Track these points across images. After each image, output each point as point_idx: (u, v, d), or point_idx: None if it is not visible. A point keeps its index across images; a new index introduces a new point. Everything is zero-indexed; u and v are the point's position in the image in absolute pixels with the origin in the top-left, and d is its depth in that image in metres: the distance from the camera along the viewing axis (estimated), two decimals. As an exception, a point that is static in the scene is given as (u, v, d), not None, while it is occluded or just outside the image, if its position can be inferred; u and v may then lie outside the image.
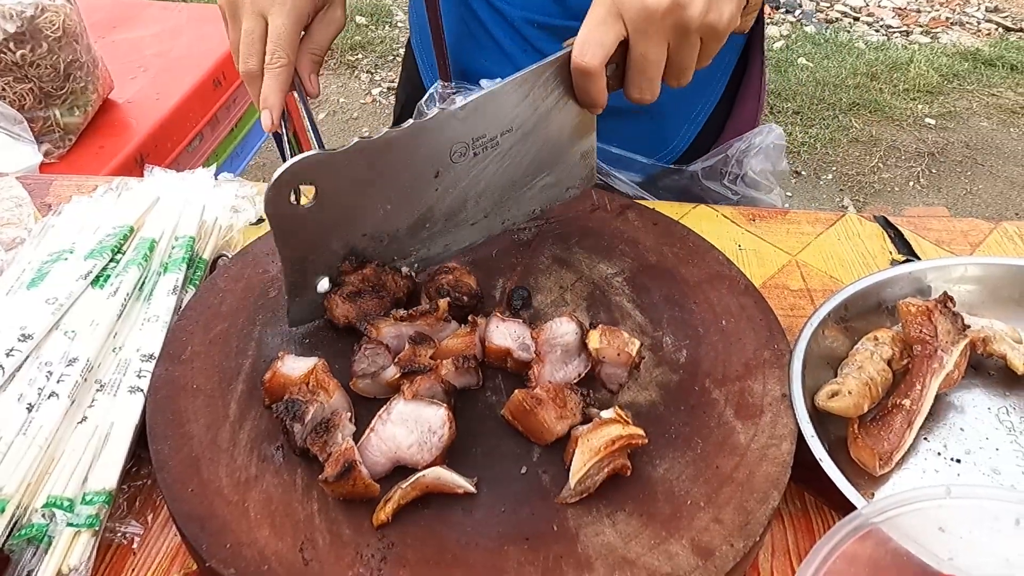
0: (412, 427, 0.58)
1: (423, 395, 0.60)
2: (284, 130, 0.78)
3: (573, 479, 0.57)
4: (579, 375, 0.65)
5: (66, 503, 0.58)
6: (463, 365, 0.63)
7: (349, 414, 0.60)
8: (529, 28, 0.92)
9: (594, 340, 0.64)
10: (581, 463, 0.57)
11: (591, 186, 0.79)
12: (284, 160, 0.65)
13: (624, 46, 0.64)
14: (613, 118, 0.67)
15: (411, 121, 0.64)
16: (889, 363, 0.69)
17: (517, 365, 0.65)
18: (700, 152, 0.97)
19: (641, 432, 0.58)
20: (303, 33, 0.78)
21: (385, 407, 0.59)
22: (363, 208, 0.66)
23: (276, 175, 0.60)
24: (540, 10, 0.90)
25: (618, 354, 0.64)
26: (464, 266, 0.72)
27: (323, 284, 0.68)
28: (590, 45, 0.63)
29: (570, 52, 0.65)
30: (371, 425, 0.59)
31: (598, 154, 0.92)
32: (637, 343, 0.65)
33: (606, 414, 0.59)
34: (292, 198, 0.62)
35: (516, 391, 0.60)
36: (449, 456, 0.59)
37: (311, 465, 0.59)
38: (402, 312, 0.66)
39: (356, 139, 0.62)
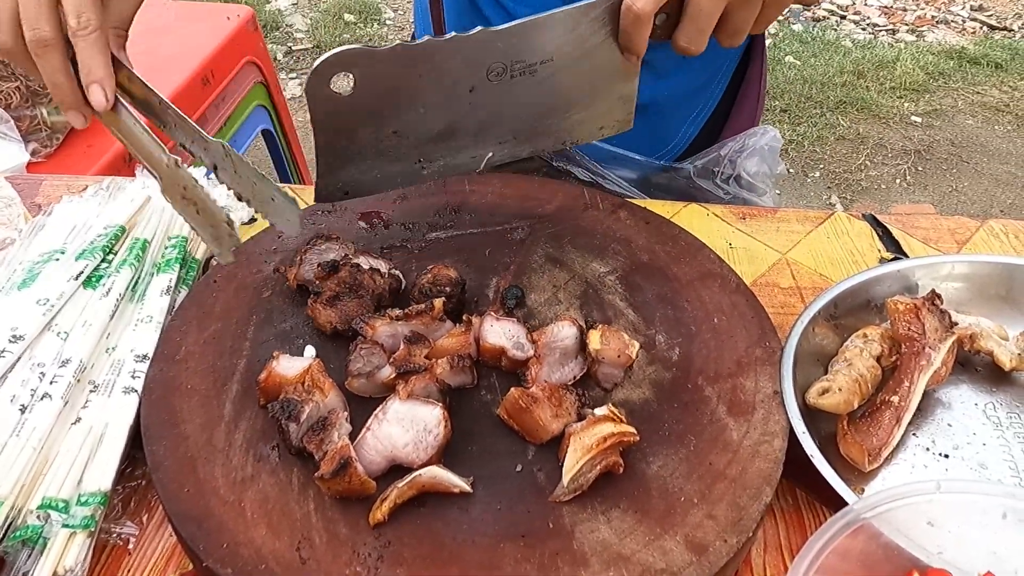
0: (408, 426, 0.58)
1: (418, 394, 0.60)
2: (275, 125, 0.78)
3: (566, 477, 0.57)
4: (574, 377, 0.65)
5: (61, 504, 0.58)
6: (458, 364, 0.63)
7: (345, 413, 0.60)
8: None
9: (594, 341, 0.64)
10: (574, 461, 0.57)
11: (626, 129, 0.78)
12: (279, 163, 0.65)
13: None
14: None
15: (453, 33, 0.64)
16: (878, 360, 0.70)
17: (512, 364, 0.65)
18: (699, 151, 0.97)
19: (633, 430, 0.59)
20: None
21: (381, 406, 0.60)
22: (396, 106, 0.67)
23: (319, 61, 0.61)
24: (548, 8, 0.90)
25: (618, 355, 0.64)
26: (449, 262, 0.73)
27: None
28: None
29: None
30: (367, 424, 0.59)
31: (593, 152, 0.93)
32: (637, 345, 0.65)
33: (599, 411, 0.59)
34: (332, 86, 0.63)
35: (512, 389, 0.61)
36: (444, 455, 0.59)
37: (307, 464, 0.59)
38: (397, 311, 0.66)
39: (398, 42, 0.63)
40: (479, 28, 0.64)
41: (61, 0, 0.59)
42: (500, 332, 0.66)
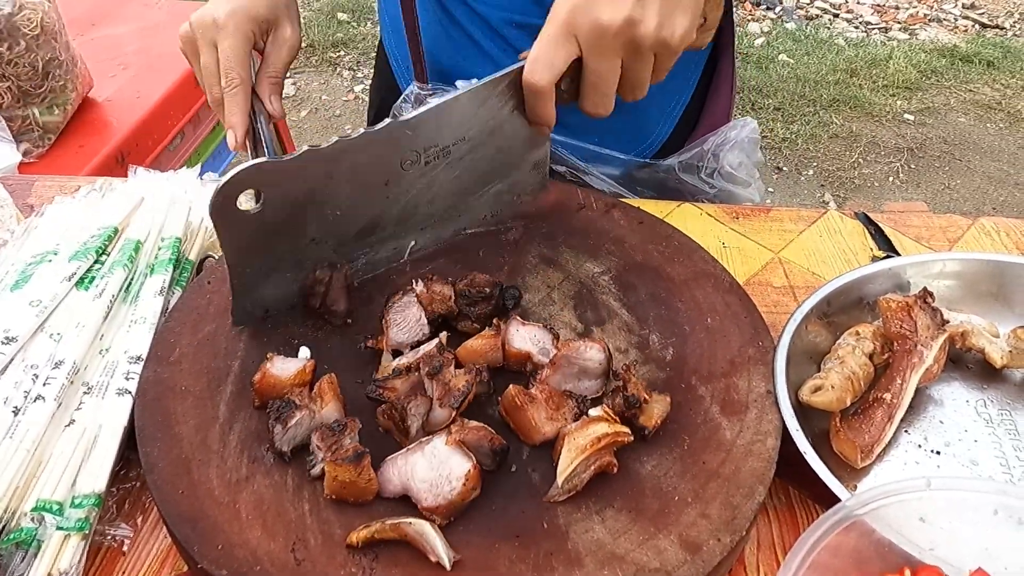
0: (434, 465, 0.57)
1: (470, 444, 0.58)
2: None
3: (560, 477, 0.57)
4: (584, 398, 0.63)
5: (55, 507, 0.58)
6: (475, 378, 0.62)
7: (359, 427, 0.59)
8: (508, 28, 0.92)
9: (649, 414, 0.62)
10: (568, 461, 0.57)
11: (541, 193, 0.80)
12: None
13: (578, 62, 0.65)
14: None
15: (361, 130, 0.64)
16: (870, 357, 0.70)
17: (537, 369, 0.65)
18: (677, 146, 0.98)
19: (626, 430, 0.59)
20: (260, 58, 0.81)
21: (428, 437, 0.59)
22: (311, 214, 0.66)
23: (222, 182, 0.60)
24: (519, 10, 0.90)
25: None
26: (445, 263, 0.73)
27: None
28: (540, 64, 0.64)
29: (520, 67, 0.65)
30: (408, 447, 0.58)
31: (575, 152, 0.93)
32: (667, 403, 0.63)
33: (594, 412, 0.60)
34: (239, 203, 0.62)
35: (511, 386, 0.61)
36: (457, 510, 0.57)
37: (302, 466, 0.59)
38: (405, 361, 0.64)
39: (305, 147, 0.62)
40: (387, 121, 0.65)
41: (219, 60, 0.77)
42: (526, 337, 0.66)
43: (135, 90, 1.81)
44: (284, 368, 0.63)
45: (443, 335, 0.67)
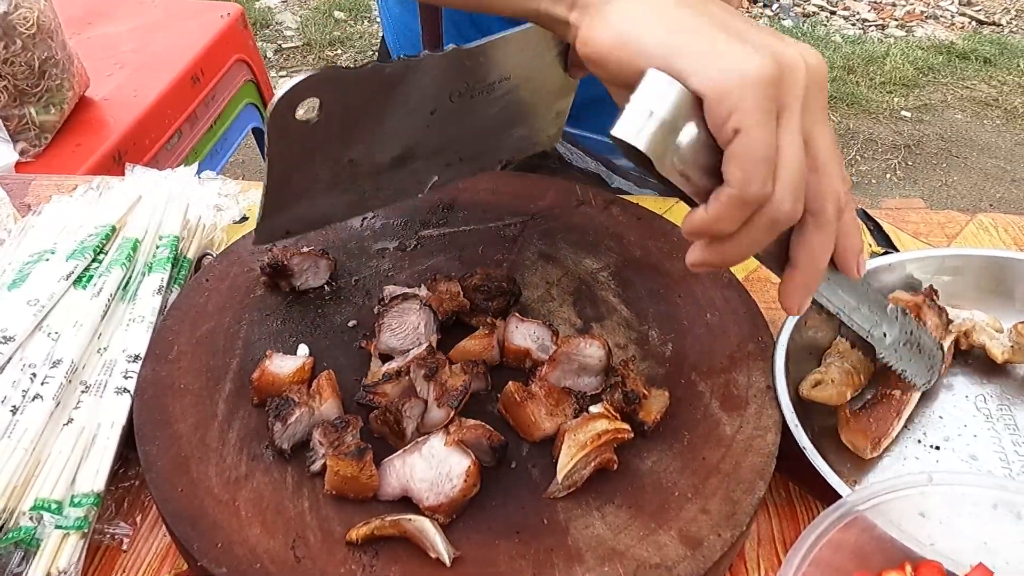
0: (433, 465, 0.57)
1: (469, 443, 0.58)
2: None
3: (560, 473, 0.57)
4: (584, 393, 0.63)
5: (54, 506, 0.58)
6: (472, 370, 0.62)
7: (361, 425, 0.59)
8: None
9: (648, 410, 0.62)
10: (568, 457, 0.57)
11: (556, 142, 0.79)
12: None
13: None
14: (607, 110, 0.68)
15: (425, 52, 0.62)
16: None
17: (536, 366, 0.65)
18: None
19: (627, 426, 0.59)
20: None
21: (424, 437, 0.58)
22: (358, 134, 0.64)
23: (289, 86, 0.56)
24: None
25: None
26: (444, 259, 0.74)
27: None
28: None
29: None
30: (405, 448, 0.58)
31: (595, 145, 0.93)
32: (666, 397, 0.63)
33: (594, 409, 0.59)
34: (298, 114, 0.59)
35: (510, 383, 0.61)
36: (459, 507, 0.57)
37: (302, 464, 0.59)
38: (395, 365, 0.63)
39: (371, 63, 0.60)
40: (451, 46, 0.62)
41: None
42: (525, 334, 0.66)
43: (132, 89, 1.80)
44: (283, 366, 0.63)
45: (433, 338, 0.66)
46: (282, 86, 0.56)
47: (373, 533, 0.54)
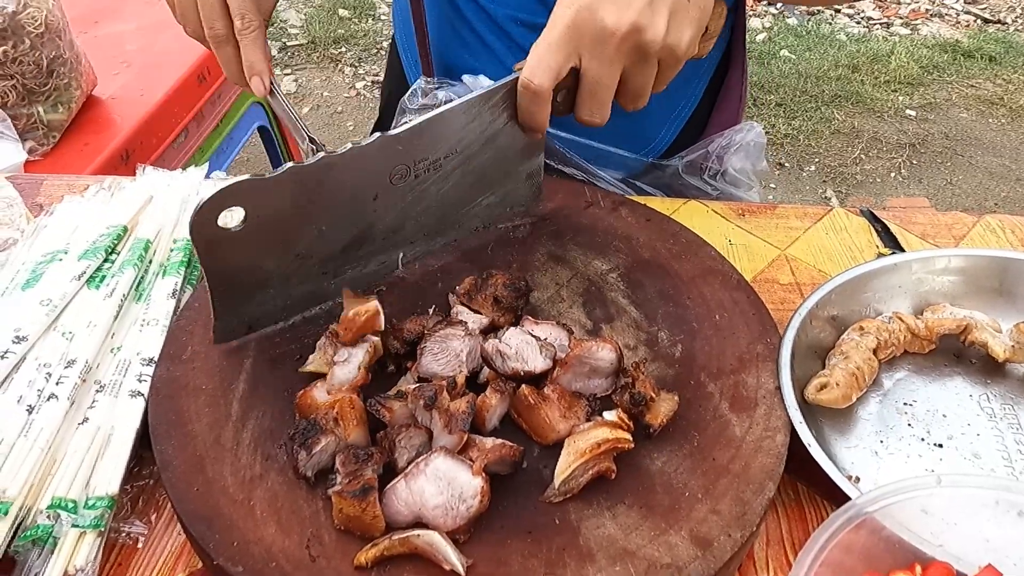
0: (443, 488, 0.55)
1: (493, 466, 0.57)
2: (272, 122, 0.78)
3: (557, 479, 0.57)
4: (595, 395, 0.64)
5: (70, 504, 0.58)
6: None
7: (385, 460, 0.58)
8: (514, 26, 0.92)
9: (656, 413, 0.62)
10: (566, 464, 0.57)
11: (536, 204, 0.80)
12: (275, 159, 0.65)
13: (574, 72, 0.64)
14: None
15: (349, 145, 0.62)
16: (875, 352, 0.71)
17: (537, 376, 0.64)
18: (682, 149, 0.98)
19: (628, 437, 0.59)
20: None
21: (425, 456, 0.57)
22: (296, 231, 0.64)
23: (201, 202, 0.58)
24: (525, 8, 0.91)
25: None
26: (454, 261, 0.73)
27: None
28: (540, 67, 0.63)
29: (516, 79, 0.65)
30: (406, 471, 0.56)
31: (580, 151, 0.93)
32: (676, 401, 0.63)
33: (609, 416, 0.60)
34: (221, 220, 0.60)
35: (523, 386, 0.61)
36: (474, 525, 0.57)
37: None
38: (411, 385, 0.62)
39: (289, 164, 0.61)
40: (376, 135, 0.63)
41: (228, 2, 0.72)
42: (541, 335, 0.65)
43: (139, 88, 1.81)
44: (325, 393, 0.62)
45: (464, 372, 0.64)
46: (197, 202, 0.58)
47: (383, 554, 0.53)
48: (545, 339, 0.65)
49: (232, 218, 0.61)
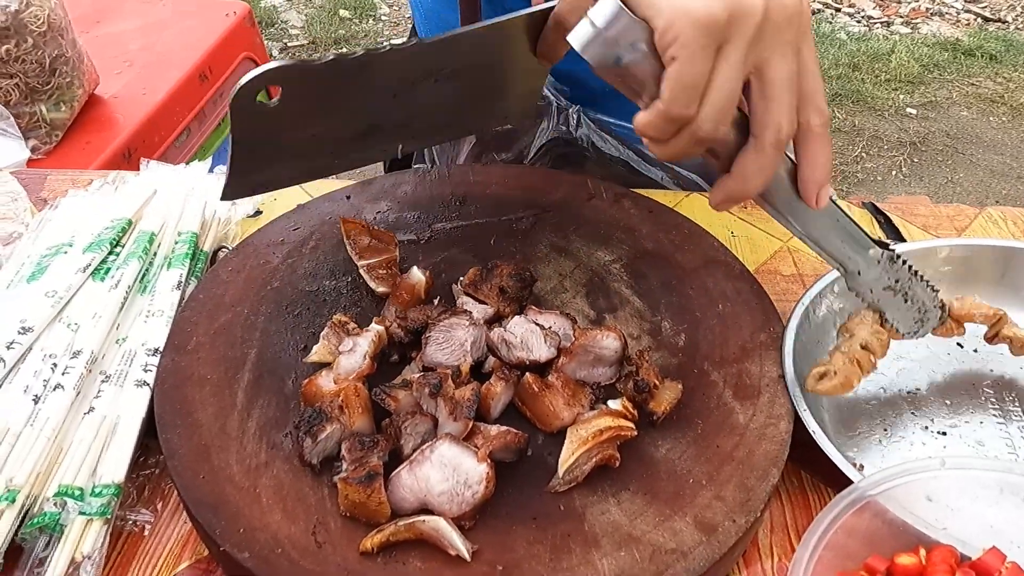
0: (448, 475, 0.55)
1: (498, 454, 0.57)
2: None
3: (561, 468, 0.58)
4: (599, 383, 0.64)
5: (77, 492, 0.59)
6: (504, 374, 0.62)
7: (390, 448, 0.58)
8: None
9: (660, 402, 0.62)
10: (569, 452, 0.58)
11: (529, 119, 0.81)
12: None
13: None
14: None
15: (388, 46, 0.63)
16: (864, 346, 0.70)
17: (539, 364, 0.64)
18: None
19: (631, 425, 0.59)
20: None
21: (429, 443, 0.57)
22: (320, 115, 0.66)
23: (250, 76, 0.58)
24: None
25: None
26: (456, 252, 0.75)
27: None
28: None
29: (549, 9, 0.64)
30: (411, 458, 0.57)
31: (623, 132, 0.94)
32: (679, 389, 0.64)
33: (613, 404, 0.60)
34: (259, 97, 0.62)
35: (527, 374, 0.61)
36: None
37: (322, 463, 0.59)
38: (416, 375, 0.62)
39: (333, 54, 0.62)
40: (414, 40, 0.64)
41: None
42: (546, 324, 0.66)
43: (141, 87, 1.81)
44: (330, 381, 0.62)
45: (468, 361, 0.64)
46: (245, 76, 0.58)
47: (388, 540, 0.54)
48: (549, 328, 0.65)
49: (269, 97, 0.63)
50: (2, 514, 0.57)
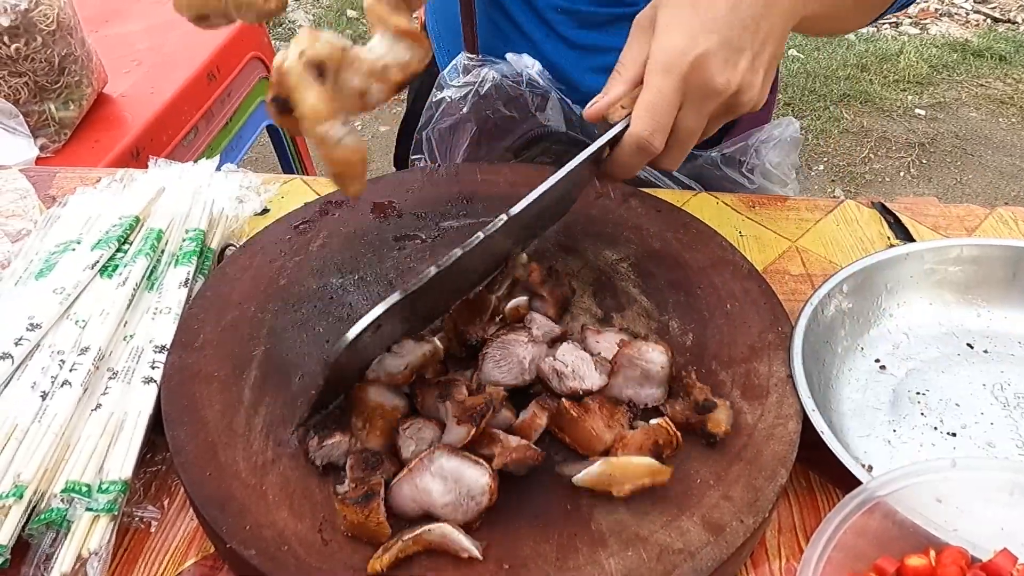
0: (451, 487, 0.54)
1: (516, 468, 0.56)
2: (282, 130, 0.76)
3: (579, 480, 0.57)
4: (646, 404, 0.62)
5: (84, 488, 0.59)
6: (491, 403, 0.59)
7: (393, 471, 0.57)
8: (552, 13, 0.93)
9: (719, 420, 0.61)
10: (591, 480, 0.56)
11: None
12: (283, 158, 0.64)
13: None
14: None
15: (480, 235, 0.61)
16: None
17: (574, 394, 0.62)
18: (712, 141, 0.98)
19: (666, 472, 0.56)
20: None
21: (427, 452, 0.56)
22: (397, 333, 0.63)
23: (354, 335, 0.56)
24: (578, 5, 0.91)
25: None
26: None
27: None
28: (659, 126, 0.62)
29: (619, 131, 0.64)
30: (409, 466, 0.55)
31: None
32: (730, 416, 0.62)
33: (655, 423, 0.58)
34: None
35: (562, 400, 0.59)
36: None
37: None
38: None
39: (397, 294, 0.58)
40: (502, 218, 0.63)
41: None
42: (607, 346, 0.64)
43: (149, 86, 1.82)
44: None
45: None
46: (353, 330, 0.55)
47: (398, 556, 0.53)
48: (599, 355, 0.63)
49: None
50: (9, 510, 0.57)
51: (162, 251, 0.79)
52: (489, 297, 0.68)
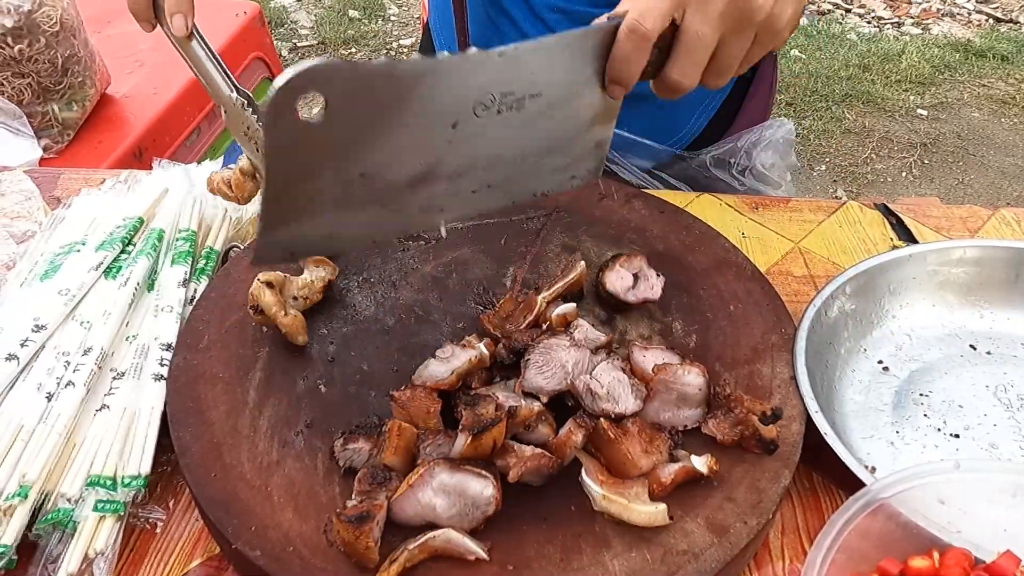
0: (455, 500, 0.54)
1: (530, 476, 0.56)
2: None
3: (596, 504, 0.56)
4: (685, 426, 0.62)
5: (108, 482, 0.59)
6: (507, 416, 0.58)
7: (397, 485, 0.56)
8: (549, 13, 0.93)
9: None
10: (614, 509, 0.56)
11: (596, 178, 0.74)
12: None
13: (674, 25, 0.61)
14: (625, 103, 0.67)
15: (446, 53, 0.57)
16: None
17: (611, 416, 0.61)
18: (709, 142, 0.98)
19: (662, 523, 0.55)
20: None
21: (428, 467, 0.55)
22: (370, 139, 0.56)
23: (284, 80, 0.48)
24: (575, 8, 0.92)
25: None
26: (469, 252, 0.73)
27: None
28: (651, 11, 0.59)
29: (617, 24, 0.60)
30: (410, 481, 0.55)
31: (617, 140, 0.93)
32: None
33: (699, 464, 0.57)
34: (300, 111, 0.51)
35: (601, 419, 0.58)
36: None
37: (332, 452, 0.59)
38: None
39: (385, 57, 0.53)
40: (474, 50, 0.58)
41: None
42: (652, 360, 0.63)
43: (152, 86, 1.82)
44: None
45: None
46: (282, 76, 0.48)
47: (405, 565, 0.52)
48: (635, 381, 0.62)
49: (311, 109, 0.52)
50: (15, 510, 0.57)
51: (161, 251, 0.79)
52: (536, 298, 0.67)
